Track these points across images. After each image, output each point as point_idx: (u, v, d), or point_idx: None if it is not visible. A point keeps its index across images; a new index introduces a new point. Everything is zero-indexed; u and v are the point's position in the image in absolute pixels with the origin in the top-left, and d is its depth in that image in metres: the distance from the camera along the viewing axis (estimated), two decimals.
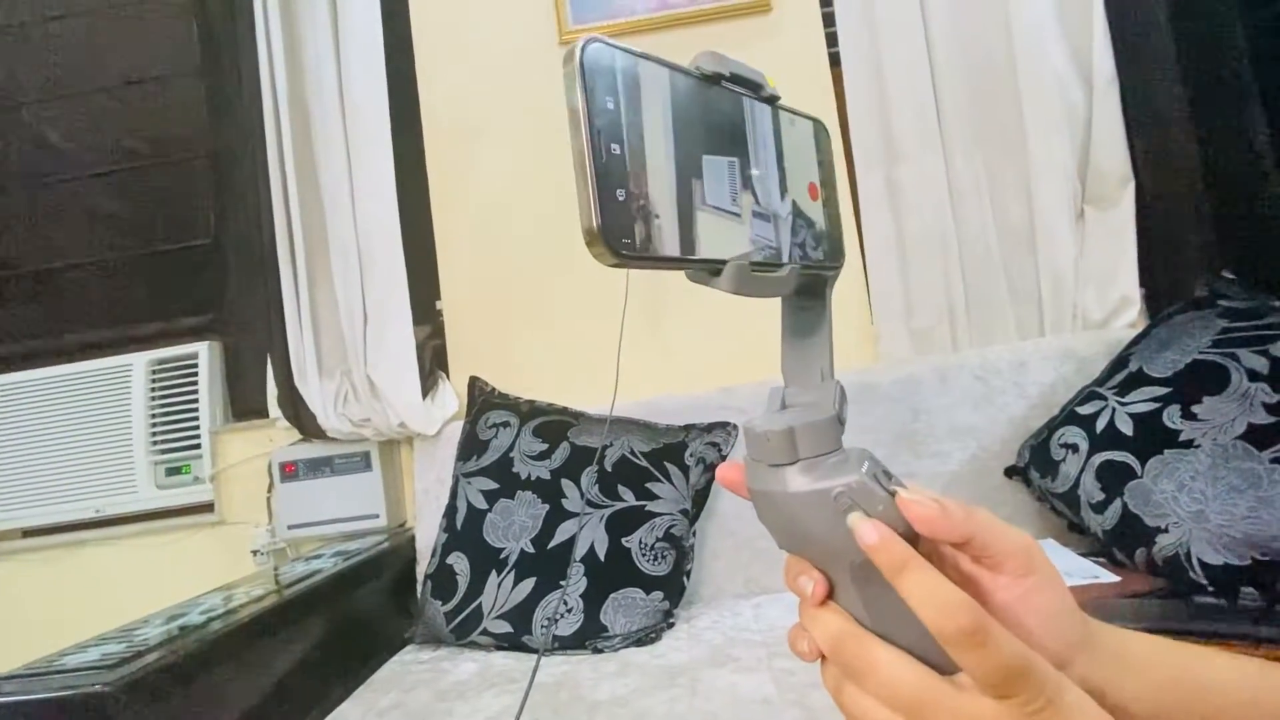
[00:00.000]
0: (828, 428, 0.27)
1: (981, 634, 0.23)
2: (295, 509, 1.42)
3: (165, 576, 1.51)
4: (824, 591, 0.27)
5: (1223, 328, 0.96)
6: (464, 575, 1.11)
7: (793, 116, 0.30)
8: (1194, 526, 0.82)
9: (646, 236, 0.22)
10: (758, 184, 0.27)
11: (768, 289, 0.27)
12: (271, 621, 0.96)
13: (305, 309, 1.36)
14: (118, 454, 1.54)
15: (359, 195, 1.37)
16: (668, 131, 0.24)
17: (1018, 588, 0.26)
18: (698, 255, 0.24)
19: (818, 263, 0.30)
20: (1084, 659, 0.26)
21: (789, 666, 0.86)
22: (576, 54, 0.21)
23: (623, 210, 0.21)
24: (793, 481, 0.26)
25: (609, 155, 0.21)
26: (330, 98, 1.36)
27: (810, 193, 0.31)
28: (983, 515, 0.27)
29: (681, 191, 0.24)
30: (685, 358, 1.42)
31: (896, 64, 1.36)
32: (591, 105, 0.21)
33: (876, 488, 0.26)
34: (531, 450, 1.19)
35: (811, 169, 0.31)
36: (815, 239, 0.30)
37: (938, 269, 1.35)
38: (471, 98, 1.48)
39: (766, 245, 0.27)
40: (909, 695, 0.24)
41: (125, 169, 1.65)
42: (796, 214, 0.29)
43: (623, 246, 0.21)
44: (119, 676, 0.71)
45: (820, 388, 0.29)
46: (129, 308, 1.64)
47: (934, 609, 0.24)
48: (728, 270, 0.25)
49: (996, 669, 0.23)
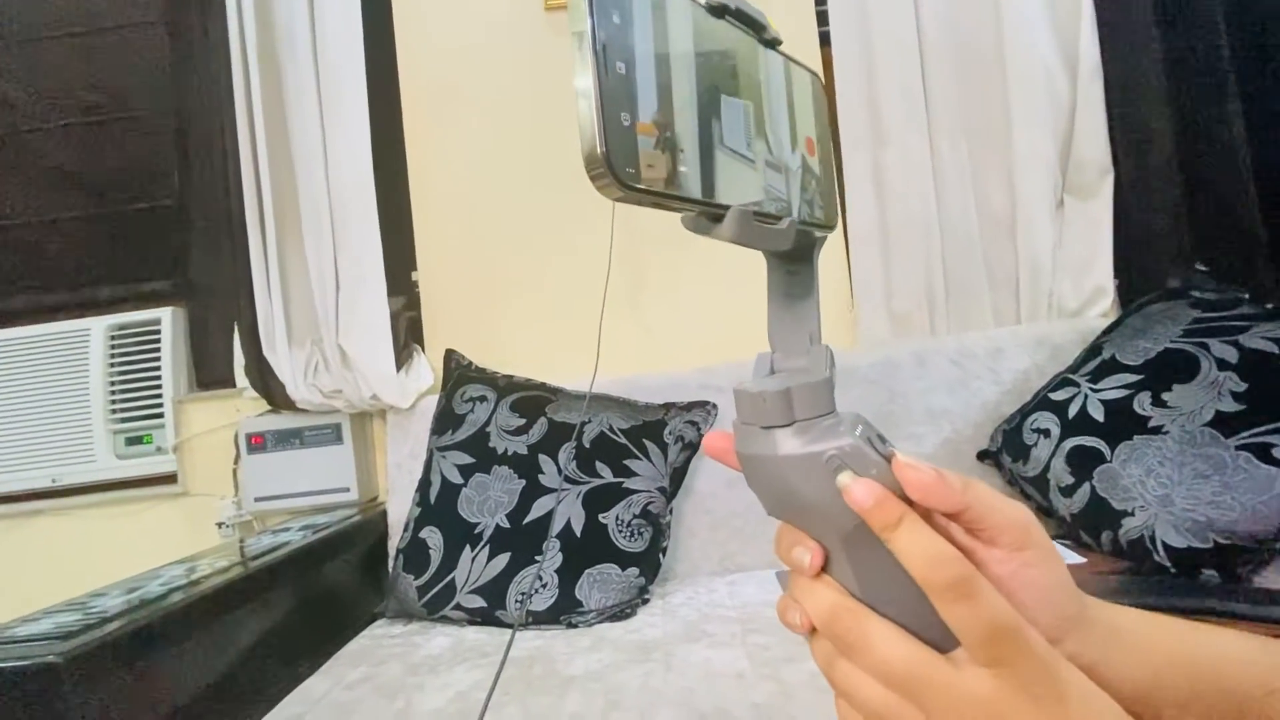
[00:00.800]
0: (823, 389, 0.26)
1: (969, 585, 0.23)
2: (263, 481, 1.38)
3: (125, 548, 1.47)
4: (820, 562, 0.26)
5: (1194, 318, 0.98)
6: (437, 550, 1.09)
7: (793, 65, 0.29)
8: (1160, 510, 0.84)
9: (653, 168, 0.20)
10: (770, 131, 0.26)
11: (767, 241, 0.25)
12: (236, 594, 0.94)
13: (274, 275, 1.32)
14: (75, 422, 1.48)
15: (332, 158, 1.32)
16: (681, 59, 0.22)
17: (1012, 562, 0.26)
18: (706, 197, 0.22)
19: (815, 221, 0.29)
20: (1077, 635, 0.26)
21: (763, 642, 0.87)
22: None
23: (628, 137, 0.20)
24: (784, 444, 0.25)
25: (615, 75, 0.20)
26: (303, 53, 1.30)
27: (808, 148, 0.29)
28: (980, 487, 0.26)
29: (700, 126, 0.22)
30: (666, 336, 1.40)
31: (886, 45, 1.35)
32: (597, 17, 0.20)
33: (870, 451, 0.25)
34: (509, 425, 1.17)
35: (810, 123, 0.30)
36: (813, 196, 0.29)
37: (919, 253, 1.35)
38: (452, 59, 1.43)
39: (777, 197, 0.26)
40: (903, 671, 0.24)
41: (84, 123, 1.57)
42: (801, 160, 0.28)
43: (627, 177, 0.20)
44: (72, 647, 0.68)
45: (810, 352, 0.28)
46: (87, 270, 1.57)
47: (924, 561, 0.23)
48: (731, 216, 0.23)
49: (985, 624, 0.23)
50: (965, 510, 0.26)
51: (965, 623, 0.23)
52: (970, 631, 0.23)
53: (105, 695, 0.72)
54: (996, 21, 1.32)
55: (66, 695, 0.67)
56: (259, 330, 1.32)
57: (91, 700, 0.69)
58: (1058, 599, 0.26)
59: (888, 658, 0.24)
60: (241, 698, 0.89)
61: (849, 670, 0.25)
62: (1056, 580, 0.26)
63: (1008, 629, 0.23)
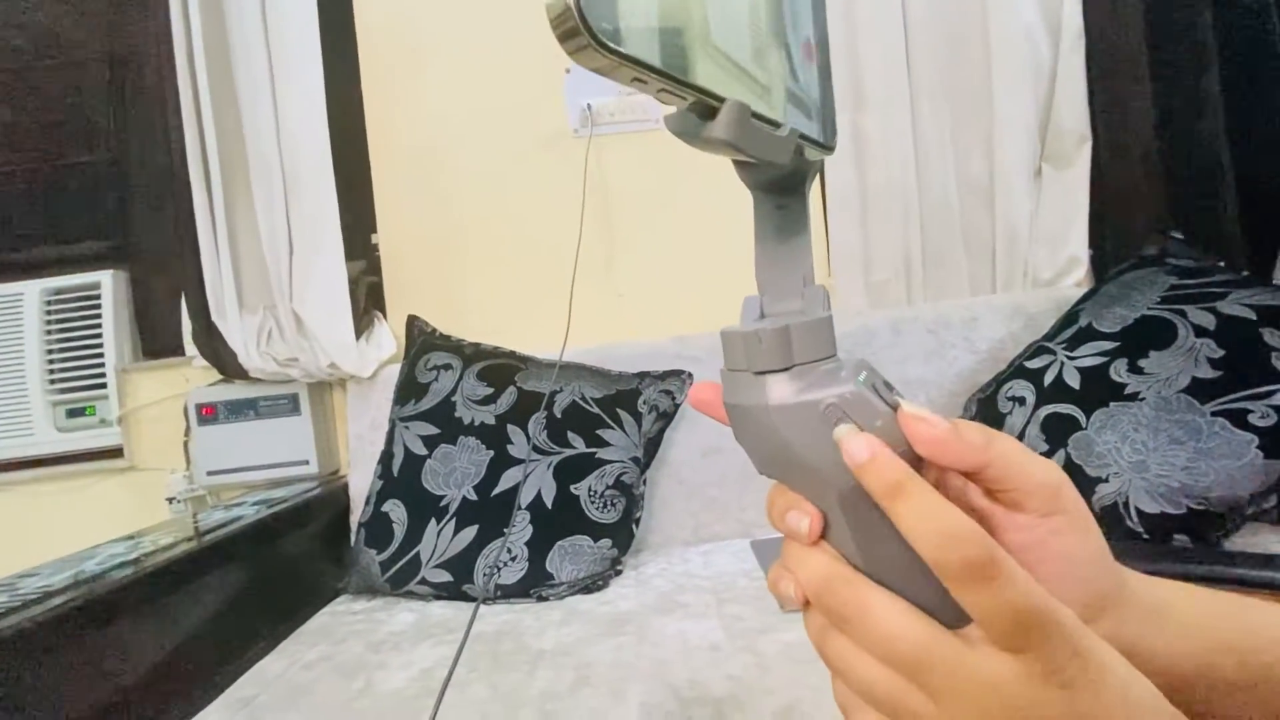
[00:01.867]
0: (823, 329, 0.23)
1: (992, 568, 0.19)
2: (215, 454, 1.32)
3: (69, 526, 1.39)
4: (820, 528, 0.23)
5: (1171, 285, 0.98)
6: (401, 523, 1.05)
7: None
8: (1134, 476, 0.84)
9: (636, 30, 0.16)
10: (766, 22, 0.22)
11: (765, 149, 0.21)
12: (185, 571, 0.89)
13: (223, 236, 1.23)
14: (10, 393, 1.39)
15: (283, 111, 1.23)
16: None
17: (1040, 528, 0.22)
18: (696, 78, 0.18)
19: (812, 138, 0.24)
20: (1116, 612, 0.23)
21: (738, 613, 0.85)
22: None
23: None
24: (777, 392, 0.22)
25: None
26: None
27: (806, 52, 0.25)
28: (1004, 442, 0.22)
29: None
30: (640, 303, 1.36)
31: (868, 8, 1.30)
32: None
33: (876, 400, 0.22)
34: (475, 394, 1.12)
35: (808, 21, 0.25)
36: (810, 108, 0.25)
37: (897, 222, 1.33)
38: (414, 11, 1.35)
39: (774, 69, 0.22)
40: (907, 650, 0.21)
41: (8, 70, 1.44)
42: (801, 62, 0.24)
43: (605, 35, 0.15)
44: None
45: (805, 294, 0.24)
46: (18, 231, 1.45)
47: (935, 537, 0.20)
48: (727, 109, 0.19)
49: (1008, 612, 0.19)
50: (986, 468, 0.22)
51: (984, 609, 0.20)
52: (990, 619, 0.20)
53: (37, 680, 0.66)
54: None
55: None
56: (207, 295, 1.24)
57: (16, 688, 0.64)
58: (1091, 573, 0.23)
59: (889, 633, 0.21)
60: (191, 680, 0.84)
61: (845, 646, 0.22)
62: (1091, 552, 0.23)
63: (1035, 615, 0.19)
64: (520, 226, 1.35)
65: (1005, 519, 0.23)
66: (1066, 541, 0.22)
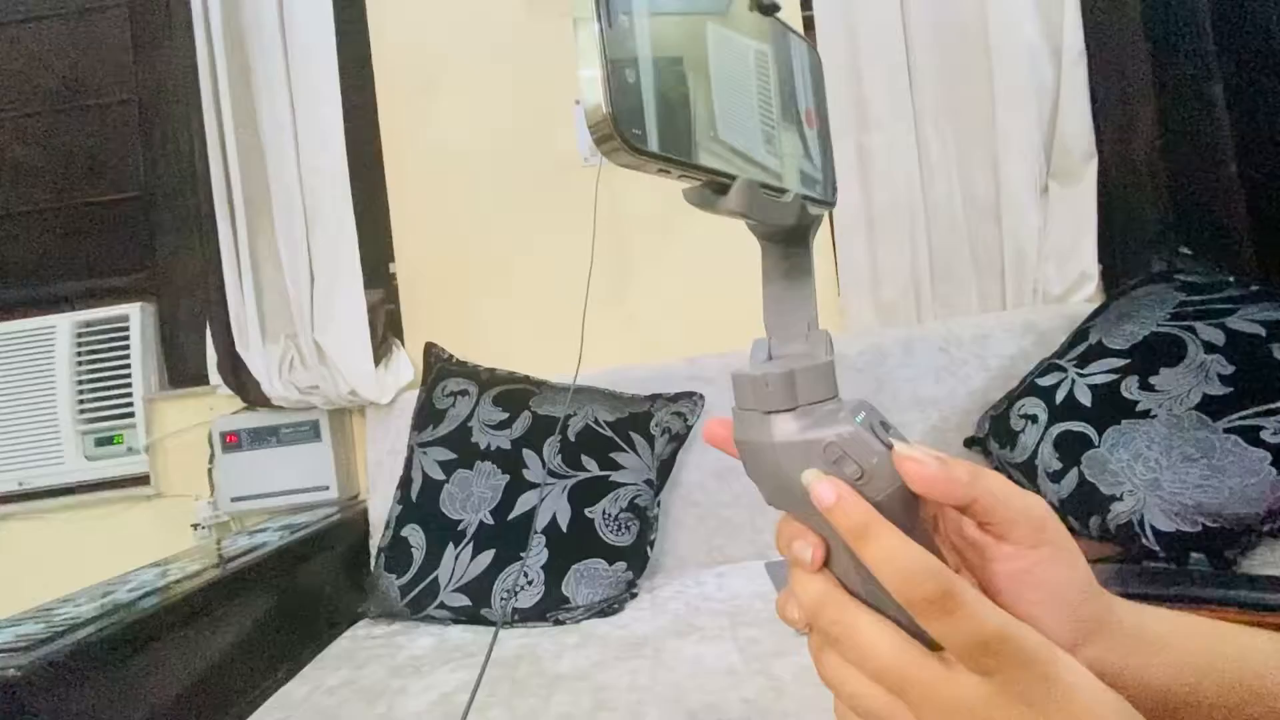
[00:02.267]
0: (826, 373, 0.25)
1: (951, 601, 0.21)
2: (239, 481, 1.35)
3: (97, 553, 1.43)
4: (823, 556, 0.24)
5: (1180, 301, 0.98)
6: (419, 548, 1.07)
7: (791, 34, 0.28)
8: (1148, 494, 0.84)
9: (660, 131, 0.19)
10: (772, 100, 0.25)
11: (772, 214, 0.24)
12: (212, 598, 0.91)
13: (246, 268, 1.27)
14: (42, 423, 1.43)
15: (304, 146, 1.28)
16: (685, 18, 0.21)
17: (1024, 559, 0.24)
18: (711, 164, 0.21)
19: (815, 197, 0.27)
20: (1101, 639, 0.24)
21: (753, 635, 0.86)
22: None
23: (633, 95, 0.18)
24: (781, 430, 0.24)
25: (619, 28, 0.18)
26: (271, 35, 1.25)
27: (807, 120, 0.28)
28: (991, 479, 0.24)
29: (705, 89, 0.21)
30: (650, 327, 1.38)
31: (870, 29, 1.33)
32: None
33: (872, 439, 0.24)
34: (491, 419, 1.14)
35: (808, 94, 0.28)
36: (813, 172, 0.28)
37: (905, 240, 1.34)
38: (428, 45, 1.39)
39: (779, 170, 0.24)
40: (888, 666, 0.23)
41: (43, 112, 1.51)
42: (802, 132, 0.26)
43: (634, 139, 0.18)
44: (34, 659, 0.65)
45: (809, 337, 0.27)
46: (51, 266, 1.51)
47: (898, 576, 0.22)
48: (737, 187, 0.22)
49: (970, 640, 0.21)
50: (973, 503, 0.24)
51: (948, 638, 0.22)
52: (955, 646, 0.22)
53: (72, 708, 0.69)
54: (981, 5, 1.31)
55: (29, 710, 0.64)
56: (231, 325, 1.28)
57: (57, 714, 0.66)
58: (1075, 600, 0.24)
59: (873, 652, 0.23)
60: (219, 705, 0.86)
61: (837, 664, 0.24)
62: (1075, 581, 0.24)
63: (995, 639, 0.21)
64: (533, 253, 1.38)
65: (995, 549, 0.24)
66: (1052, 571, 0.24)
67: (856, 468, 0.23)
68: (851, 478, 0.23)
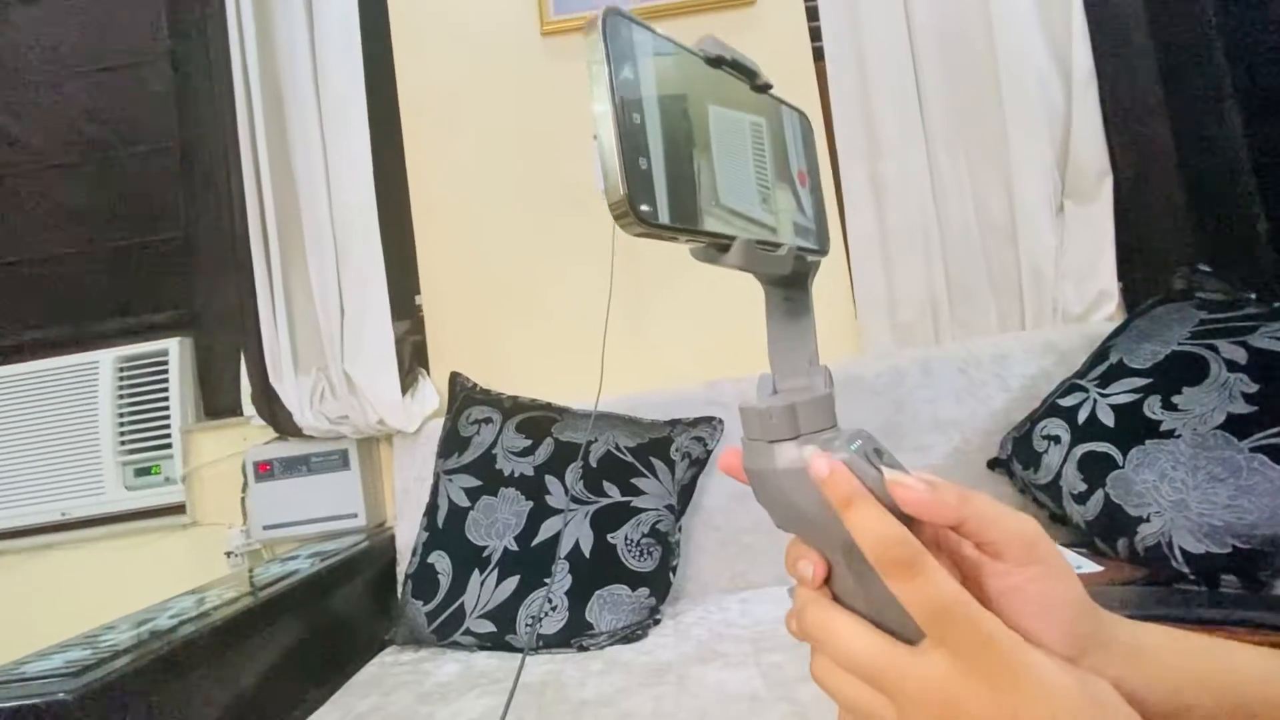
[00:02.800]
0: (825, 405, 0.28)
1: (916, 565, 0.24)
2: (271, 509, 1.38)
3: (136, 580, 1.47)
4: (823, 575, 0.27)
5: (1201, 319, 0.97)
6: (446, 574, 1.09)
7: (783, 106, 0.31)
8: (1175, 515, 0.83)
9: (668, 206, 0.22)
10: (767, 166, 0.28)
11: (769, 266, 0.27)
12: (245, 625, 0.93)
13: (280, 303, 1.32)
14: (84, 454, 1.49)
15: (335, 186, 1.34)
16: (688, 106, 0.24)
17: (1017, 576, 0.26)
18: (714, 230, 0.24)
19: (809, 248, 0.30)
20: (1097, 654, 0.25)
21: (777, 661, 0.86)
22: (599, 23, 0.22)
23: (645, 178, 0.22)
24: (784, 458, 0.27)
25: (631, 124, 0.22)
26: (304, 84, 1.32)
27: (800, 180, 0.31)
28: (980, 501, 0.26)
29: (708, 165, 0.25)
30: (669, 353, 1.40)
31: (879, 58, 1.36)
32: (615, 75, 0.22)
33: (865, 466, 0.26)
34: (514, 446, 1.17)
35: (800, 157, 0.32)
36: (806, 225, 0.31)
37: (920, 262, 1.35)
38: (451, 87, 1.45)
39: (775, 226, 0.28)
40: (865, 660, 0.25)
41: (91, 159, 1.60)
42: (795, 192, 0.30)
43: (646, 215, 0.22)
44: (82, 684, 0.68)
45: (810, 372, 0.29)
46: (95, 303, 1.58)
47: (873, 538, 0.24)
48: (737, 246, 0.25)
49: (930, 601, 0.24)
50: (964, 523, 0.26)
51: (912, 600, 0.24)
52: (917, 608, 0.24)
53: None
54: (988, 29, 1.34)
55: None
56: (265, 358, 1.33)
57: None
58: (1068, 615, 0.25)
59: (850, 649, 0.25)
60: None
61: (825, 665, 0.26)
62: (1067, 597, 0.26)
63: (952, 606, 0.23)
64: (553, 283, 1.42)
65: (990, 567, 0.26)
66: (1045, 587, 0.25)
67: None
68: None
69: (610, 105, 0.21)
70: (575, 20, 1.42)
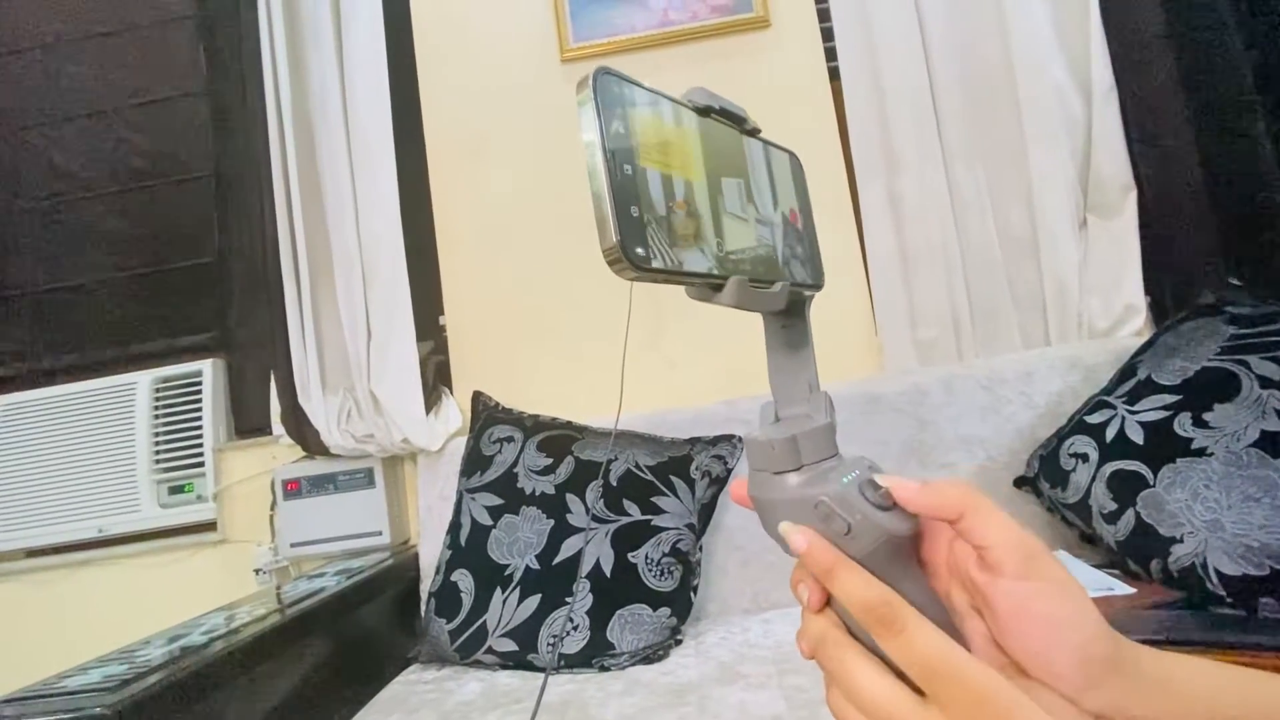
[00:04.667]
0: (825, 434, 0.28)
1: (897, 624, 0.25)
2: (298, 527, 1.41)
3: (168, 596, 1.50)
4: (820, 599, 0.27)
5: (1231, 334, 0.96)
6: (468, 593, 1.10)
7: (771, 148, 0.33)
8: (1210, 536, 0.81)
9: (660, 251, 0.24)
10: (757, 206, 0.30)
11: (763, 303, 0.28)
12: (273, 642, 0.95)
13: (309, 326, 1.36)
14: (121, 473, 1.54)
15: (362, 212, 1.38)
16: (678, 154, 0.26)
17: (1019, 593, 0.25)
18: (706, 271, 0.25)
19: (803, 283, 0.31)
20: (1118, 684, 0.25)
21: (799, 684, 0.85)
22: (590, 82, 0.23)
23: (637, 226, 0.23)
24: (784, 489, 0.27)
25: (623, 176, 0.23)
26: (334, 116, 1.37)
27: (792, 218, 0.32)
28: (981, 500, 0.26)
29: (698, 209, 0.26)
30: (688, 371, 1.41)
31: (895, 76, 1.37)
32: (606, 130, 0.23)
33: (858, 498, 0.27)
34: (536, 465, 1.18)
35: (791, 196, 0.33)
36: (800, 259, 0.32)
37: (941, 279, 1.34)
38: (474, 114, 1.50)
39: (765, 244, 0.29)
40: (873, 705, 0.25)
41: (130, 189, 1.66)
42: (786, 230, 0.31)
43: (639, 260, 0.23)
44: (121, 699, 0.70)
45: (810, 399, 0.30)
46: (133, 326, 1.64)
47: (857, 605, 0.25)
48: (729, 285, 0.26)
49: (916, 658, 0.24)
50: (962, 518, 0.26)
51: (901, 658, 0.25)
52: (907, 665, 0.24)
53: None
54: (1004, 44, 1.34)
55: None
56: (294, 379, 1.36)
57: None
58: (1078, 639, 0.25)
59: (863, 691, 0.25)
60: None
61: (838, 698, 0.27)
62: (1074, 617, 0.25)
63: (939, 663, 0.24)
64: (573, 304, 1.44)
65: (994, 586, 0.26)
66: (1049, 605, 0.25)
67: (843, 523, 0.26)
68: (839, 532, 0.26)
69: (601, 158, 0.22)
70: (594, 47, 1.46)
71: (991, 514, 0.26)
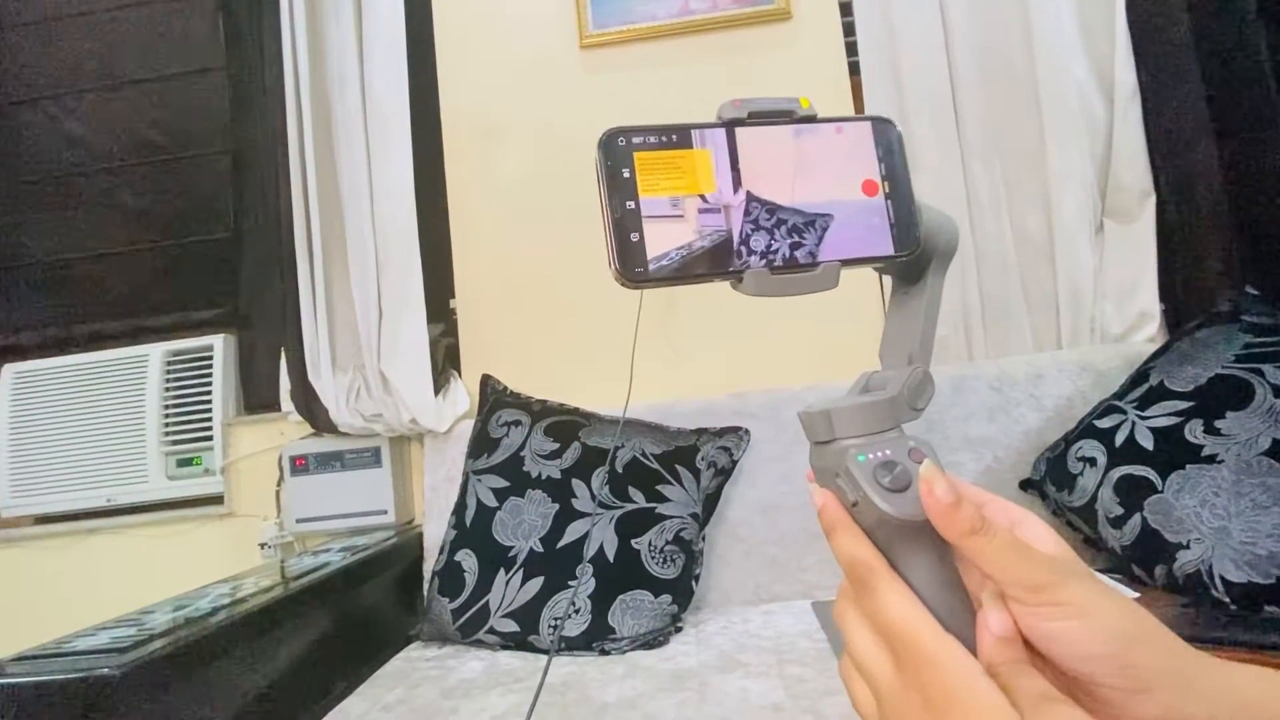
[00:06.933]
0: (867, 411, 0.29)
1: (871, 582, 0.26)
2: (304, 503, 1.42)
3: (174, 567, 1.52)
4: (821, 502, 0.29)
5: (1246, 343, 0.95)
6: (472, 573, 1.11)
7: (844, 123, 0.32)
8: (1217, 543, 0.81)
9: (660, 264, 0.28)
10: (803, 185, 0.31)
11: (801, 286, 0.29)
12: (277, 614, 0.96)
13: (321, 304, 1.37)
14: (131, 444, 1.55)
15: (377, 193, 1.38)
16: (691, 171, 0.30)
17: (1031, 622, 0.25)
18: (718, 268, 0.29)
19: (878, 256, 0.31)
20: (1171, 690, 0.23)
21: (800, 674, 0.85)
22: (600, 142, 0.29)
23: (637, 249, 0.28)
24: (817, 457, 0.30)
25: (625, 209, 0.28)
26: (352, 96, 1.37)
27: (866, 189, 0.32)
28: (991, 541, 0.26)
29: None
30: (697, 362, 1.41)
31: (916, 73, 1.36)
32: (612, 178, 0.28)
33: (866, 477, 0.28)
34: (543, 449, 1.18)
35: (871, 167, 0.32)
36: (878, 229, 0.31)
37: (954, 278, 1.34)
38: (492, 98, 1.49)
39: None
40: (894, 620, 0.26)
41: (147, 163, 1.67)
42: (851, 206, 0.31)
43: (638, 276, 0.28)
44: (127, 661, 0.71)
45: (902, 372, 0.31)
46: (147, 299, 1.65)
47: (845, 560, 0.28)
48: (749, 276, 0.29)
49: (878, 621, 0.26)
50: (968, 546, 0.26)
51: (869, 619, 0.26)
52: (875, 626, 0.26)
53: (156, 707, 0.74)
54: (1027, 44, 1.32)
55: (120, 706, 0.69)
56: (305, 357, 1.37)
57: (143, 711, 0.71)
58: (1123, 637, 0.23)
59: (885, 604, 0.26)
60: (281, 715, 0.91)
61: (854, 614, 0.28)
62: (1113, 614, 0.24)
63: (896, 624, 0.25)
64: (585, 291, 1.44)
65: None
66: (1067, 627, 0.24)
67: (850, 498, 0.28)
68: (849, 504, 0.28)
69: (607, 199, 0.28)
70: (614, 34, 1.45)
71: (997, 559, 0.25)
